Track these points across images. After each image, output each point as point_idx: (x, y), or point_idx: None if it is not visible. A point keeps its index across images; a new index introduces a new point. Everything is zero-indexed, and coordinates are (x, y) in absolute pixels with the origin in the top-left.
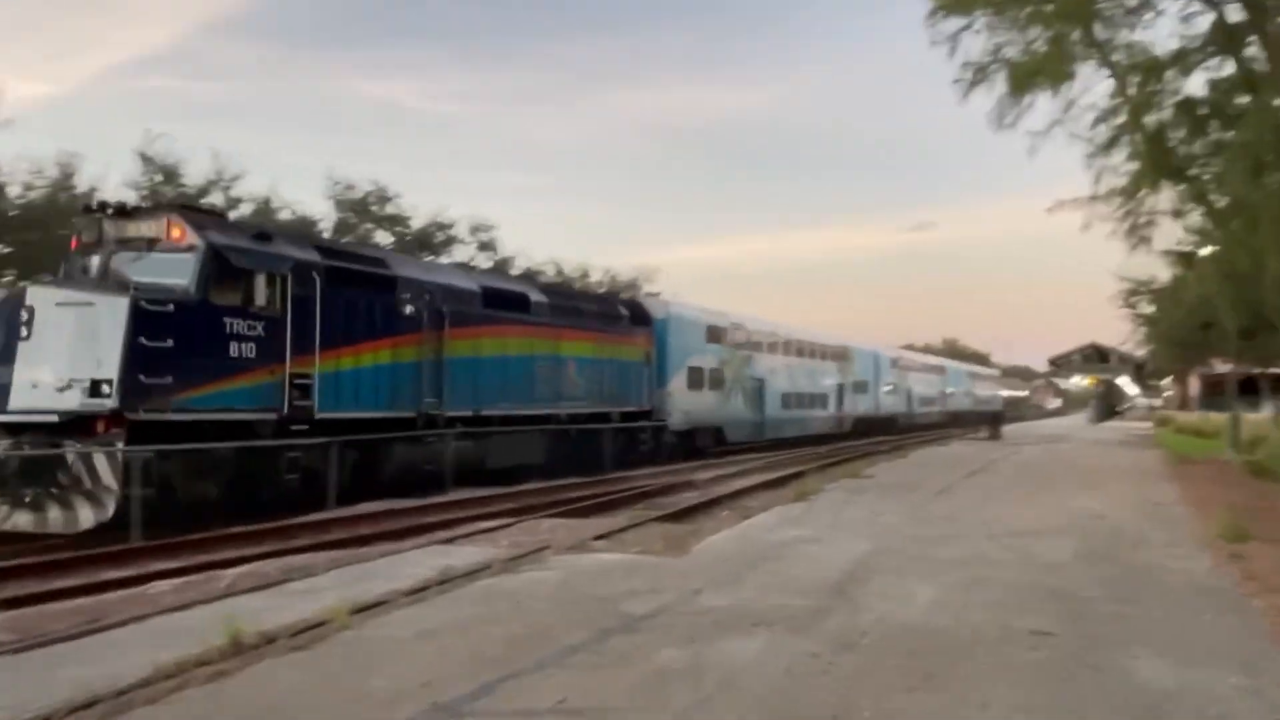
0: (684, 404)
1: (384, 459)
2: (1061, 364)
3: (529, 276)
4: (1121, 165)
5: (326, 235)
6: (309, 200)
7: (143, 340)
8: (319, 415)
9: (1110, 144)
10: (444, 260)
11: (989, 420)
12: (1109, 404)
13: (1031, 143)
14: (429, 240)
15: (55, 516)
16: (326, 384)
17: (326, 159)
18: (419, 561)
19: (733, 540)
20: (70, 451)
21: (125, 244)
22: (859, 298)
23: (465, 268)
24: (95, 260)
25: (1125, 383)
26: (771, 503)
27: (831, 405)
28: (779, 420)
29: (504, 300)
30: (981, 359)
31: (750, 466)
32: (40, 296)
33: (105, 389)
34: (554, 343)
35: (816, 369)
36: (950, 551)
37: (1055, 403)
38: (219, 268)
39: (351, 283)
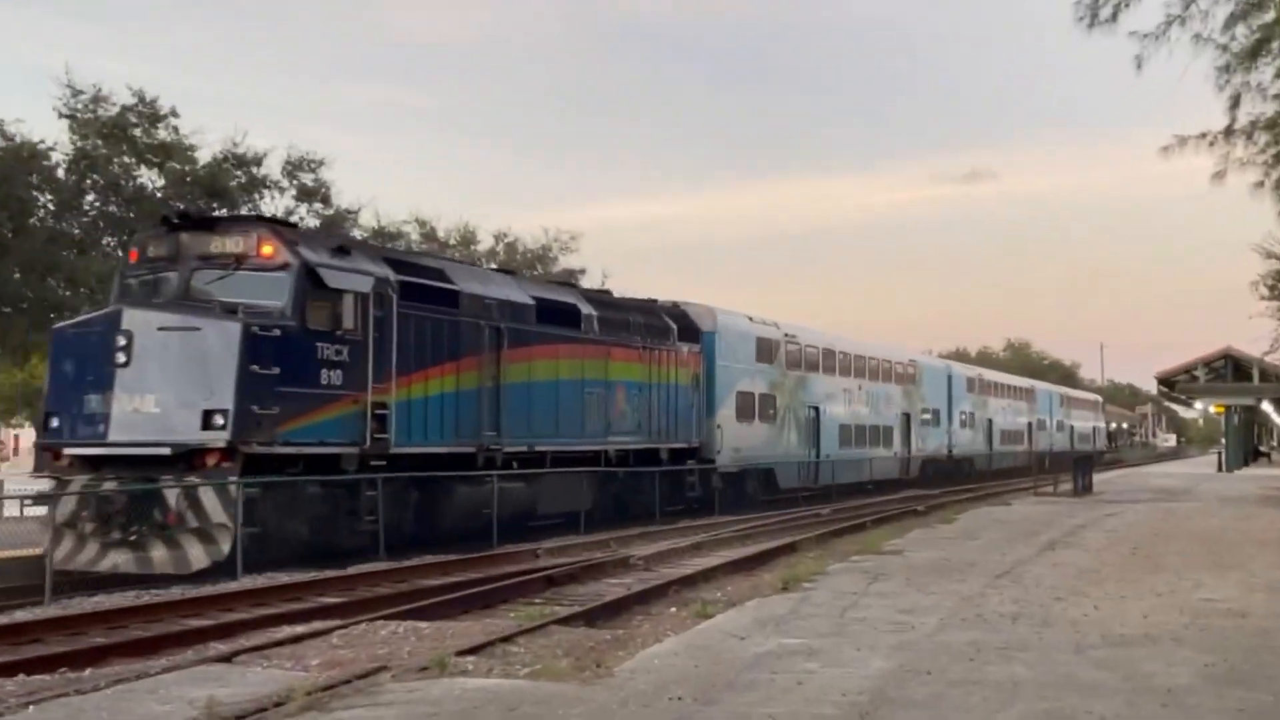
0: (734, 439)
1: (445, 501)
2: (1177, 383)
3: (570, 283)
4: (1273, 84)
5: (61, 173)
6: (33, 118)
7: (255, 368)
8: (394, 450)
9: (1256, 51)
10: (485, 266)
11: (1077, 465)
12: (1249, 442)
13: (1140, 49)
14: (218, 184)
15: (161, 556)
16: (401, 414)
17: (71, 55)
18: (171, 695)
19: (682, 655)
20: (196, 485)
21: (207, 260)
22: (879, 278)
23: (513, 275)
24: (170, 278)
25: (1273, 411)
26: (745, 593)
27: (896, 442)
28: (837, 461)
29: (556, 314)
30: (1069, 376)
31: (724, 535)
32: (139, 320)
33: (219, 420)
34: (604, 364)
35: (878, 394)
36: (1017, 672)
37: (1168, 439)
38: (312, 288)
39: (422, 299)
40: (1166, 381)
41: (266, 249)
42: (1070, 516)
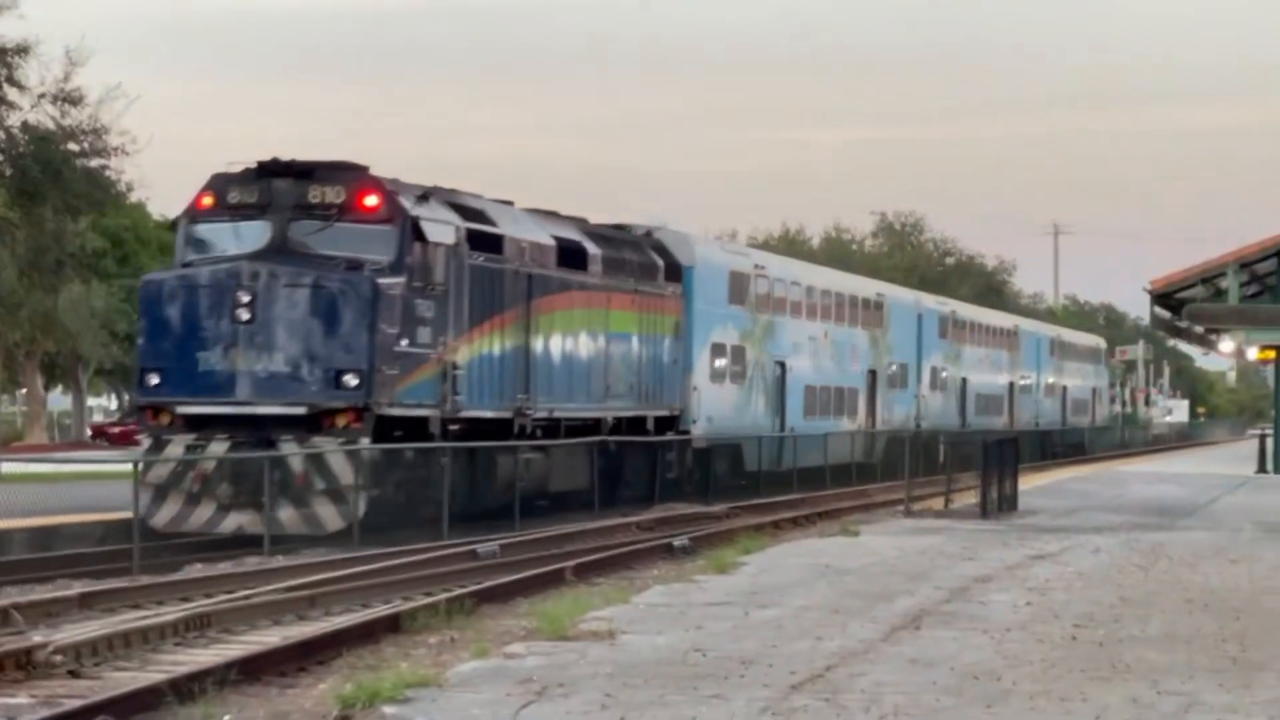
0: (709, 405)
1: (493, 473)
2: (1188, 302)
3: (562, 214)
4: None
5: None
6: None
7: (384, 327)
8: (464, 413)
9: None
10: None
11: (987, 457)
12: None
13: None
14: None
15: (290, 517)
16: (469, 374)
17: None
18: None
19: None
20: (332, 450)
21: (305, 210)
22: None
23: (524, 209)
24: (257, 227)
25: None
26: None
27: (861, 411)
28: (802, 436)
29: (570, 256)
30: (991, 288)
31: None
32: (263, 273)
33: (351, 380)
34: (605, 314)
35: (844, 343)
36: None
37: (1171, 409)
38: (414, 241)
39: (481, 247)
40: (1168, 298)
41: (370, 199)
42: (967, 560)
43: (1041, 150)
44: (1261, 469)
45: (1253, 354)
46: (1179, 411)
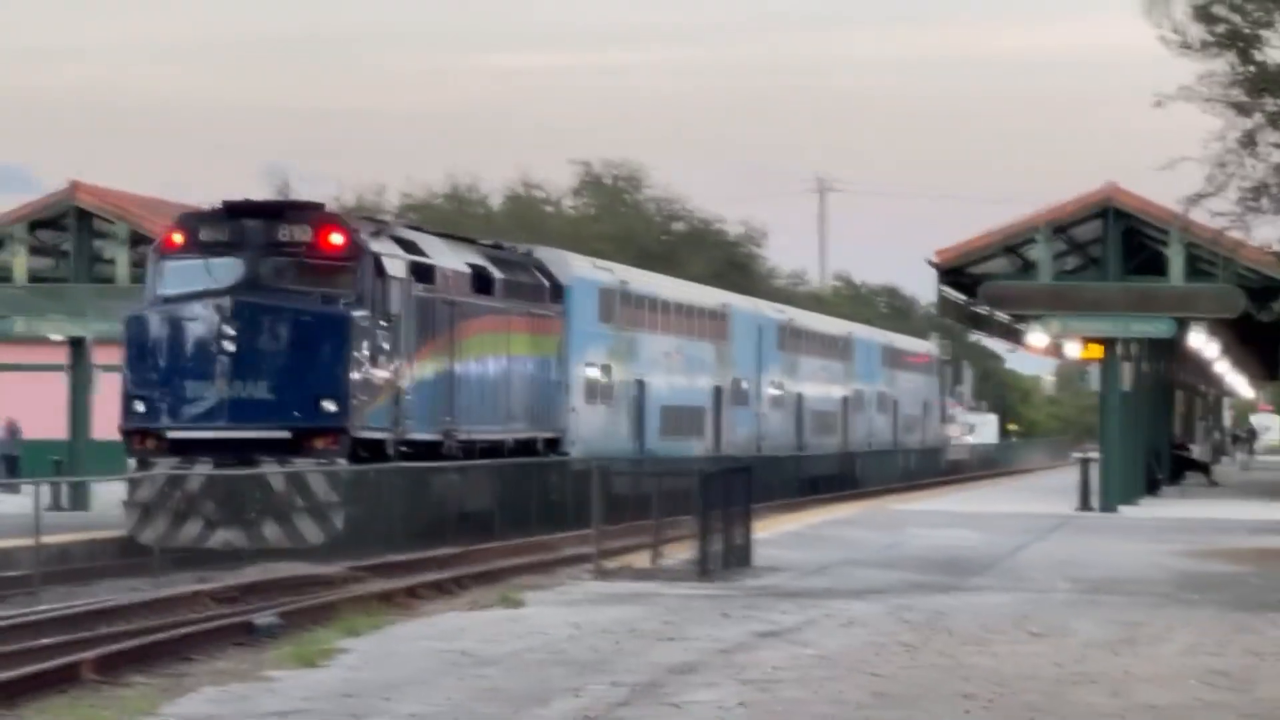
0: (584, 426)
1: (421, 494)
2: (984, 278)
3: (466, 238)
4: None
5: None
6: None
7: (355, 355)
8: (409, 435)
9: None
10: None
11: (706, 493)
12: (1160, 431)
13: None
14: None
15: (274, 533)
16: (414, 399)
17: None
18: None
19: None
20: (319, 471)
21: (275, 247)
22: None
23: (442, 237)
24: (229, 264)
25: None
26: None
27: (708, 431)
28: (661, 458)
29: (480, 281)
30: (736, 265)
31: None
32: (245, 307)
33: (329, 405)
34: (507, 337)
35: (694, 358)
36: None
37: (973, 423)
38: (376, 276)
39: (420, 279)
40: (960, 274)
41: (335, 238)
42: (666, 640)
43: (802, 81)
44: (1085, 505)
45: (1073, 350)
46: (985, 429)
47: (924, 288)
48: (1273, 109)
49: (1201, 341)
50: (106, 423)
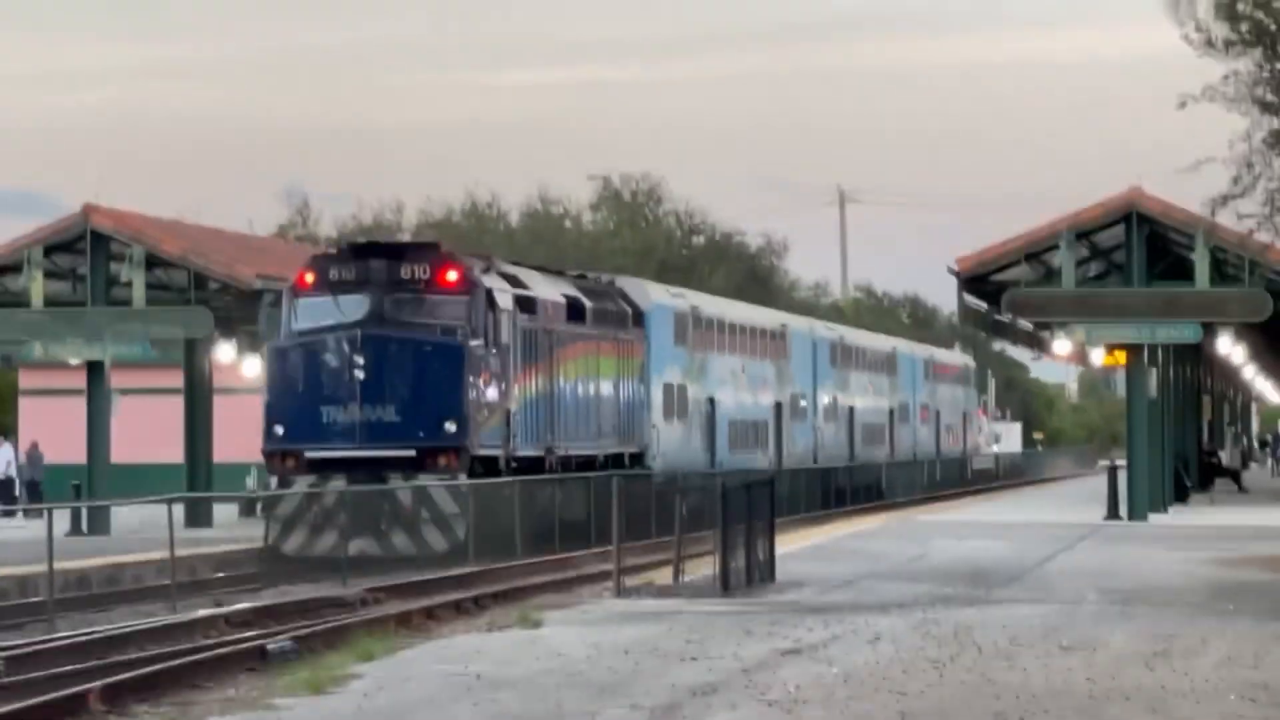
0: (664, 441)
1: (536, 506)
2: (1007, 286)
3: (564, 272)
4: None
5: None
6: None
7: (471, 380)
8: (519, 452)
9: None
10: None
11: (726, 508)
12: (1189, 439)
13: None
14: None
15: (402, 543)
16: (521, 419)
17: None
18: None
19: None
20: (442, 485)
21: (397, 285)
22: None
23: (540, 270)
24: (356, 300)
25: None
26: None
27: (770, 444)
28: (730, 470)
29: (575, 311)
30: (756, 278)
31: None
32: (375, 339)
33: (450, 426)
34: (596, 361)
35: (757, 376)
36: None
37: (1000, 432)
38: (488, 308)
39: (524, 310)
40: (983, 282)
41: (451, 275)
42: (688, 660)
43: (819, 91)
44: (1113, 514)
45: (1098, 357)
46: (1010, 438)
47: (945, 297)
48: None
49: (1228, 346)
50: (128, 446)
